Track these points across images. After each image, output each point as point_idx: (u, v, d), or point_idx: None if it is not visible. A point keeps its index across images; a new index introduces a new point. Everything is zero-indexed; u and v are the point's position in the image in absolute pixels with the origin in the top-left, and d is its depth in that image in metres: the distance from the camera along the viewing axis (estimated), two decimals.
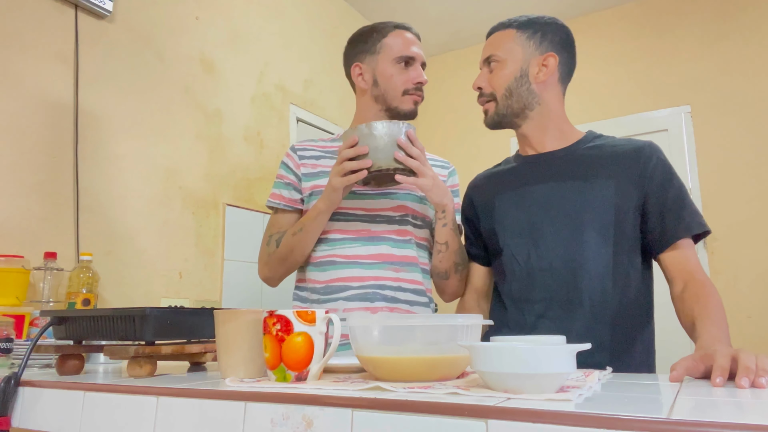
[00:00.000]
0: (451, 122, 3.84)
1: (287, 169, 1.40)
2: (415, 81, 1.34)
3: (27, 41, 1.67)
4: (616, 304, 1.10)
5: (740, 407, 0.52)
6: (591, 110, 3.36)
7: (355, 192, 1.33)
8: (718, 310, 0.96)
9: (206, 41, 2.29)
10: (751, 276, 2.83)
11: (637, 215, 1.13)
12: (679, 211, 1.10)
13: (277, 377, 0.73)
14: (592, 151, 1.19)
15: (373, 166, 1.14)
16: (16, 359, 1.11)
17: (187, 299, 2.08)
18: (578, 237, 1.12)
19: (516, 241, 1.20)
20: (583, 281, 1.11)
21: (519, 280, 1.18)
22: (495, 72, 1.22)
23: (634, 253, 1.14)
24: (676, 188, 1.12)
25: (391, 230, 1.32)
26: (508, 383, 0.58)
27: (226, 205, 2.28)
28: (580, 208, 1.14)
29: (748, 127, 2.95)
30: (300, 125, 2.82)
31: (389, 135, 1.14)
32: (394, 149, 1.14)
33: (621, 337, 1.10)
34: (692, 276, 1.06)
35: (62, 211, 1.70)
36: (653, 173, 1.12)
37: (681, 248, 1.10)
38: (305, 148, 1.42)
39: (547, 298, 1.14)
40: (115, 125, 1.89)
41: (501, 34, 1.24)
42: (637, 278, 1.14)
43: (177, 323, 0.91)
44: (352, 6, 3.40)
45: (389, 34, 1.36)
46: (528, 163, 1.26)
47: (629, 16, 3.38)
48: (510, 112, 1.22)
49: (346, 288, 1.28)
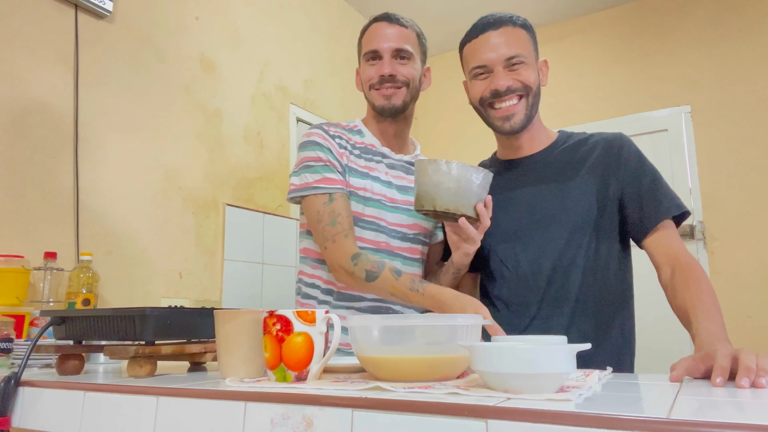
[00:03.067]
0: (450, 122, 3.83)
1: (329, 152, 1.24)
2: (377, 75, 1.27)
3: (27, 41, 1.67)
4: (597, 295, 1.13)
5: (740, 407, 0.52)
6: (591, 110, 3.36)
7: (381, 201, 1.29)
8: (710, 298, 0.96)
9: (206, 41, 2.29)
10: (751, 276, 2.82)
11: (614, 206, 1.15)
12: (654, 194, 1.12)
13: (277, 377, 0.73)
14: (568, 152, 1.22)
15: (452, 208, 1.07)
16: (16, 359, 1.11)
17: (187, 299, 2.08)
18: (564, 237, 1.15)
19: (503, 246, 1.21)
20: (569, 278, 1.14)
21: (510, 283, 1.20)
22: (520, 72, 1.15)
23: (613, 242, 1.16)
24: (649, 174, 1.15)
25: (404, 247, 1.31)
26: (508, 383, 0.58)
27: (226, 205, 2.28)
28: (562, 208, 1.16)
29: (748, 127, 2.95)
30: (300, 125, 2.82)
31: (468, 179, 1.07)
32: (476, 197, 1.08)
33: (602, 326, 1.13)
34: (678, 260, 1.06)
35: (62, 211, 1.70)
36: (626, 163, 1.15)
37: (662, 231, 1.11)
38: (341, 135, 1.30)
39: (538, 300, 1.16)
40: (115, 125, 1.89)
41: (516, 33, 1.17)
42: (615, 267, 1.16)
43: (177, 323, 0.91)
44: (352, 6, 3.40)
45: (365, 32, 1.34)
46: (508, 168, 1.26)
47: (629, 17, 3.37)
48: (530, 116, 1.19)
49: (361, 298, 1.26)
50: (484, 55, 1.16)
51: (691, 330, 0.93)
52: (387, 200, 1.30)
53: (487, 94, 1.16)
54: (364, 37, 1.34)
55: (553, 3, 3.40)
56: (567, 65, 3.49)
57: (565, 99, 3.41)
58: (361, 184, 1.27)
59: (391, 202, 1.31)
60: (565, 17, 3.55)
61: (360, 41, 1.36)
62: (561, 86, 3.40)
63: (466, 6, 3.42)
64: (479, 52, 1.17)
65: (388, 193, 1.31)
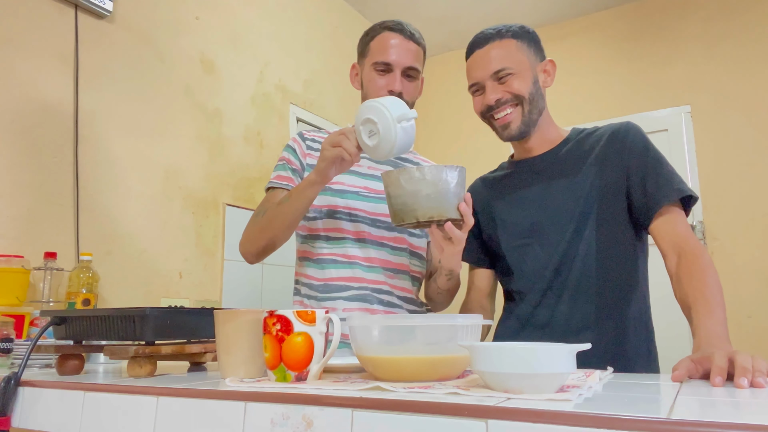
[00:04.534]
0: (451, 122, 3.83)
1: (294, 153, 1.36)
2: (386, 89, 1.29)
3: (27, 41, 1.67)
4: (600, 280, 1.15)
5: (739, 407, 0.52)
6: (591, 110, 3.36)
7: (359, 193, 1.34)
8: (713, 292, 0.95)
9: (206, 41, 2.29)
10: (751, 276, 2.82)
11: (619, 192, 1.16)
12: (657, 178, 1.13)
13: (277, 377, 0.73)
14: (576, 146, 1.24)
15: (435, 215, 1.00)
16: (16, 359, 1.11)
17: (187, 299, 2.08)
18: (571, 228, 1.17)
19: (520, 242, 1.24)
20: (573, 267, 1.16)
21: (526, 277, 1.23)
22: (510, 83, 1.18)
23: (617, 229, 1.17)
24: (653, 158, 1.15)
25: (389, 237, 1.34)
26: (508, 383, 0.58)
27: (226, 205, 2.28)
28: (571, 201, 1.18)
29: (748, 127, 2.95)
30: (300, 125, 2.82)
31: (445, 181, 1.00)
32: (456, 197, 1.01)
33: (607, 312, 1.14)
34: (683, 247, 1.06)
35: (62, 211, 1.70)
36: (631, 148, 1.17)
37: (667, 215, 1.11)
38: (314, 139, 1.39)
39: (543, 288, 1.19)
40: (115, 125, 1.89)
41: (502, 46, 1.20)
42: (621, 253, 1.17)
43: (177, 323, 0.91)
44: (352, 6, 3.40)
45: (375, 37, 1.34)
46: (521, 167, 1.30)
47: (629, 17, 3.38)
48: (531, 120, 1.22)
49: (346, 288, 1.29)
50: (474, 73, 1.24)
51: (691, 324, 0.93)
52: (368, 191, 1.34)
53: (484, 109, 1.23)
54: (374, 41, 1.33)
55: (553, 3, 3.40)
56: (567, 65, 3.48)
57: (565, 99, 3.41)
58: (335, 179, 1.29)
59: (374, 193, 1.35)
60: (565, 17, 3.55)
61: (368, 43, 1.35)
62: (561, 86, 3.38)
63: (466, 6, 3.42)
64: (471, 71, 1.25)
65: (369, 184, 1.36)
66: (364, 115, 1.06)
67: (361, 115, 1.07)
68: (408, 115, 1.05)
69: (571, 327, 1.14)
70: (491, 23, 1.31)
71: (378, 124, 1.04)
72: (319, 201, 1.32)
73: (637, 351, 1.15)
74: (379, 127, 1.04)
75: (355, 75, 1.40)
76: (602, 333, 1.11)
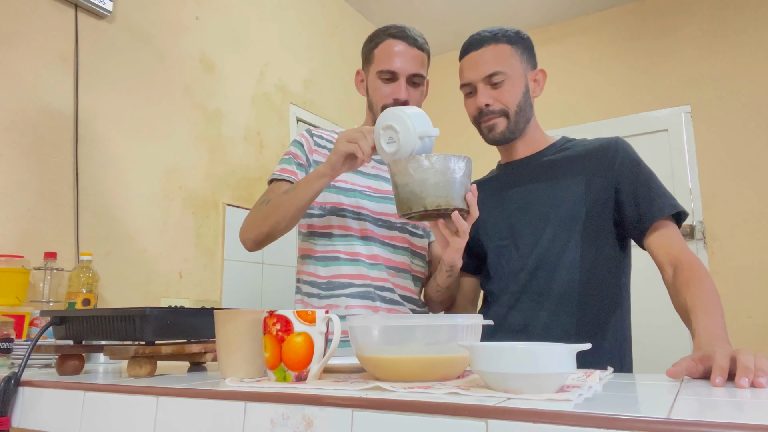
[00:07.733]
0: (450, 122, 3.83)
1: (301, 148, 1.37)
2: (391, 97, 1.29)
3: (27, 41, 1.67)
4: (582, 293, 1.14)
5: (740, 407, 0.52)
6: (591, 110, 3.36)
7: (364, 192, 1.35)
8: (710, 297, 0.96)
9: (206, 41, 2.29)
10: (751, 276, 2.82)
11: (609, 208, 1.17)
12: (649, 194, 1.14)
13: (277, 377, 0.73)
14: (563, 153, 1.25)
15: (443, 204, 1.00)
16: (16, 359, 1.11)
17: (187, 299, 2.08)
18: (550, 233, 1.17)
19: (498, 244, 1.25)
20: (554, 274, 1.16)
21: (500, 278, 1.23)
22: (503, 88, 1.20)
23: (603, 244, 1.17)
24: (644, 175, 1.16)
25: (390, 235, 1.35)
26: (508, 383, 0.58)
27: (226, 205, 2.28)
28: (552, 206, 1.19)
29: (748, 127, 2.95)
30: (300, 125, 2.82)
31: (452, 170, 1.00)
32: (464, 186, 1.02)
33: (588, 325, 1.14)
34: (679, 259, 1.07)
35: (62, 211, 1.70)
36: (621, 165, 1.17)
37: (661, 230, 1.12)
38: (322, 136, 1.40)
39: (517, 291, 1.19)
40: (115, 125, 1.89)
41: (497, 50, 1.21)
42: (606, 268, 1.17)
43: (177, 323, 0.91)
44: (352, 6, 3.40)
45: (380, 45, 1.33)
46: (504, 170, 1.31)
47: (629, 16, 3.37)
48: (517, 129, 1.23)
49: (349, 285, 1.29)
50: (467, 74, 1.24)
51: (691, 328, 0.93)
52: (372, 191, 1.36)
53: (476, 113, 1.24)
54: (378, 49, 1.32)
55: (553, 3, 3.40)
56: (567, 65, 3.49)
57: (566, 99, 3.41)
58: (340, 177, 1.30)
59: (377, 193, 1.36)
60: (565, 17, 3.55)
61: (372, 51, 1.34)
62: (561, 86, 3.40)
63: (467, 7, 3.42)
64: (464, 72, 1.25)
65: (373, 184, 1.37)
66: (388, 121, 1.06)
67: (385, 120, 1.07)
68: (430, 132, 1.05)
69: (551, 336, 1.13)
70: (491, 23, 1.32)
71: (399, 133, 1.04)
72: (324, 198, 1.33)
73: (611, 363, 1.14)
74: (399, 136, 1.04)
75: (361, 81, 1.40)
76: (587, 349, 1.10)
